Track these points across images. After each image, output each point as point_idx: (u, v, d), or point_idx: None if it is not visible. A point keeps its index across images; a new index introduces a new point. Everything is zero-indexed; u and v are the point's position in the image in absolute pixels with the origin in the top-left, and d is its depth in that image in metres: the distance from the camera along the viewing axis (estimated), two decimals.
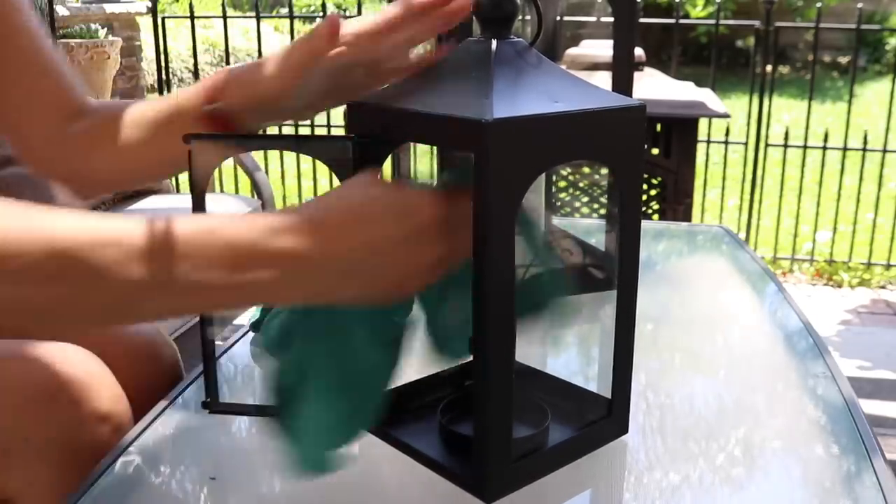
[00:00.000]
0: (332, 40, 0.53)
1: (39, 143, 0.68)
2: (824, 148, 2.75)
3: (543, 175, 0.85)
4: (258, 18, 2.89)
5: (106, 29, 3.03)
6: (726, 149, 2.78)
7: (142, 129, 0.64)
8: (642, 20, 4.01)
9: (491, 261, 0.45)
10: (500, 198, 0.44)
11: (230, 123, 0.60)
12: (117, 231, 0.40)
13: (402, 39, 0.56)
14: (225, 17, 2.94)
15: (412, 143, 0.89)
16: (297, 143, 0.52)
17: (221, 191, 3.08)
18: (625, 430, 0.56)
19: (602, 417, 0.55)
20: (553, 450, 0.53)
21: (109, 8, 3.36)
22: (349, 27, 0.56)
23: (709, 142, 2.84)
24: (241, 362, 0.72)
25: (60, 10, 3.04)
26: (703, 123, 2.14)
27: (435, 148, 0.62)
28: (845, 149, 2.76)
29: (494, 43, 0.50)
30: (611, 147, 0.50)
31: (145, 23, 3.41)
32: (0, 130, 0.70)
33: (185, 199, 1.82)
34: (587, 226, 1.15)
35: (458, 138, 0.46)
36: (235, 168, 3.00)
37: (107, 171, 0.68)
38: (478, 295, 0.45)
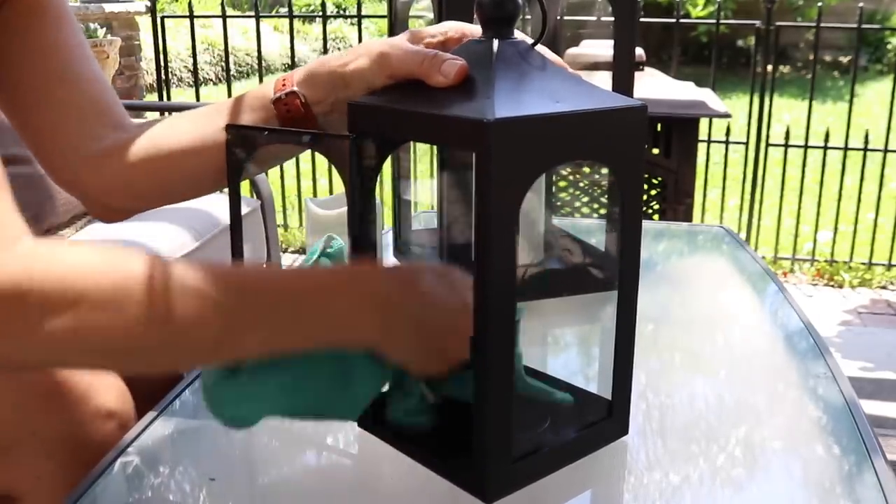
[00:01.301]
0: (448, 83, 0.50)
1: (71, 154, 0.66)
2: (825, 148, 2.75)
3: (543, 175, 0.85)
4: (257, 18, 2.89)
5: (105, 28, 3.03)
6: (727, 148, 2.78)
7: (196, 119, 0.63)
8: (642, 19, 4.01)
9: (492, 260, 0.45)
10: (502, 197, 0.44)
11: (298, 111, 0.58)
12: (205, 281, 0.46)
13: None
14: (224, 16, 2.94)
15: (412, 143, 0.89)
16: (310, 139, 0.53)
17: (220, 191, 3.07)
18: (625, 430, 0.56)
19: (602, 418, 0.55)
20: (553, 450, 0.53)
21: (108, 7, 3.36)
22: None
23: (709, 141, 2.84)
24: None
25: None
26: (703, 123, 2.14)
27: (434, 148, 0.62)
28: (846, 148, 2.76)
29: (496, 43, 0.50)
30: (612, 147, 0.50)
31: (144, 22, 3.42)
32: (28, 140, 0.68)
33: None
34: (587, 226, 1.15)
35: (460, 138, 0.46)
36: None
37: (146, 183, 0.66)
38: (479, 294, 0.45)
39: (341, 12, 7.49)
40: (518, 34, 0.53)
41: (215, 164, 0.60)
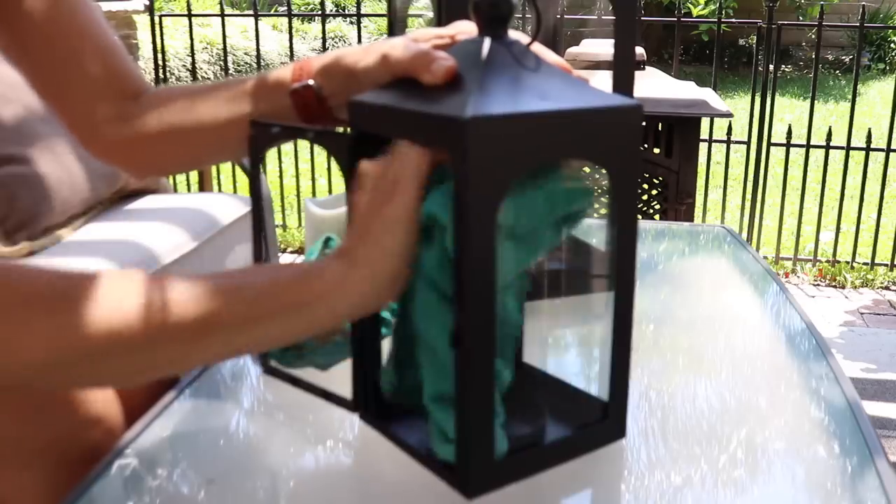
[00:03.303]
0: (435, 81, 0.50)
1: (98, 125, 0.68)
2: (827, 147, 2.74)
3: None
4: (256, 17, 2.88)
5: None
6: (728, 148, 2.77)
7: (217, 100, 0.65)
8: (643, 18, 4.00)
9: (471, 256, 0.45)
10: (480, 195, 0.44)
11: (313, 103, 0.60)
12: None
13: None
14: (223, 15, 2.93)
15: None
16: (313, 136, 0.55)
17: (220, 190, 3.07)
18: (622, 433, 0.56)
19: (598, 420, 0.55)
20: (544, 449, 0.52)
21: (106, 6, 3.36)
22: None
23: (711, 141, 2.83)
24: None
25: None
26: (704, 123, 2.13)
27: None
28: (849, 148, 2.75)
29: (488, 42, 0.50)
30: (604, 147, 0.49)
31: (142, 21, 3.41)
32: (58, 113, 0.70)
33: (182, 200, 1.82)
34: (587, 226, 1.15)
35: (440, 136, 0.46)
36: (234, 168, 2.99)
37: (171, 150, 0.68)
38: (459, 290, 0.45)
39: (340, 11, 7.49)
40: (517, 34, 0.53)
41: (235, 140, 0.63)
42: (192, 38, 3.03)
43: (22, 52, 0.67)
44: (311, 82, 0.60)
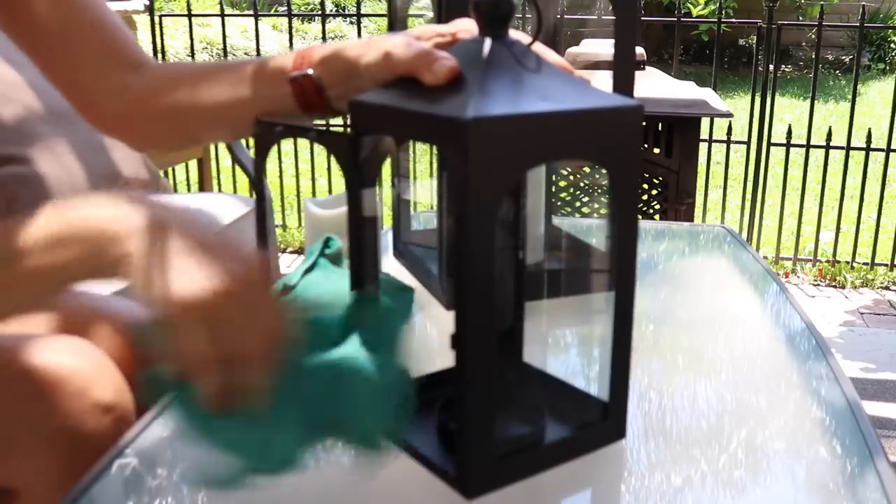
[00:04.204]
0: (436, 81, 0.50)
1: (99, 97, 0.69)
2: (827, 147, 2.74)
3: (543, 174, 0.85)
4: (256, 17, 2.88)
5: None
6: (728, 148, 2.77)
7: (219, 82, 0.65)
8: (643, 18, 4.00)
9: (471, 259, 0.45)
10: (480, 195, 0.44)
11: (312, 92, 0.61)
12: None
13: None
14: (223, 15, 2.93)
15: (412, 143, 0.89)
16: (317, 135, 0.56)
17: (220, 190, 3.07)
18: (622, 434, 0.56)
19: (598, 420, 0.55)
20: (544, 450, 0.52)
21: None
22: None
23: (711, 141, 2.83)
24: None
25: None
26: (704, 123, 2.13)
27: (434, 147, 0.62)
28: (849, 148, 2.75)
29: (489, 42, 0.50)
30: (604, 148, 0.49)
31: (142, 21, 3.41)
32: (60, 88, 0.71)
33: (182, 200, 1.82)
34: (587, 226, 1.15)
35: (440, 136, 0.46)
36: (234, 168, 2.99)
37: (168, 126, 0.69)
38: (458, 291, 0.45)
39: (340, 11, 7.48)
40: (517, 33, 0.53)
41: (232, 122, 0.64)
42: (192, 38, 3.03)
43: (21, 26, 0.68)
44: (310, 72, 0.60)
